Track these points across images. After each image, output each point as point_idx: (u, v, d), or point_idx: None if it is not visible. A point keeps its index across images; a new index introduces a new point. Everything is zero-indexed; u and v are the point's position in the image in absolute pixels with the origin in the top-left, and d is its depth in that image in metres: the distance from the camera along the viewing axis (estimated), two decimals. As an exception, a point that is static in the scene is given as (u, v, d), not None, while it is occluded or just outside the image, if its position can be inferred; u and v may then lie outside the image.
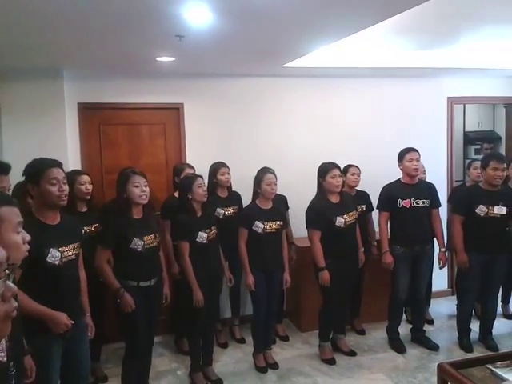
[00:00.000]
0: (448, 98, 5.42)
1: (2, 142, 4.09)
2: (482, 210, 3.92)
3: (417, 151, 4.10)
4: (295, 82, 4.86)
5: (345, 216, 3.84)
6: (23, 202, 2.53)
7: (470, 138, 7.15)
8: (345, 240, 3.84)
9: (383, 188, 4.23)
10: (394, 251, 4.10)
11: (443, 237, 4.28)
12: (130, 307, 3.05)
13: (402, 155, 4.12)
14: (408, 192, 4.08)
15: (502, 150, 6.44)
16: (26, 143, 3.96)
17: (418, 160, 4.07)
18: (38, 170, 2.45)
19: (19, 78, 4.06)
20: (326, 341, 4.09)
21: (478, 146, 6.99)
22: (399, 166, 4.15)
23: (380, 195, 4.25)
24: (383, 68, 4.65)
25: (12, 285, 1.37)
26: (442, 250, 4.18)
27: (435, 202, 4.16)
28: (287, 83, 4.85)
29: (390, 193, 4.14)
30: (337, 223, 3.80)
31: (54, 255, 2.42)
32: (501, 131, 6.74)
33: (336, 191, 3.86)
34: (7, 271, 1.27)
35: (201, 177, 3.63)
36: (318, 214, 3.83)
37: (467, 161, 5.84)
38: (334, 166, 3.86)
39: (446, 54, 4.52)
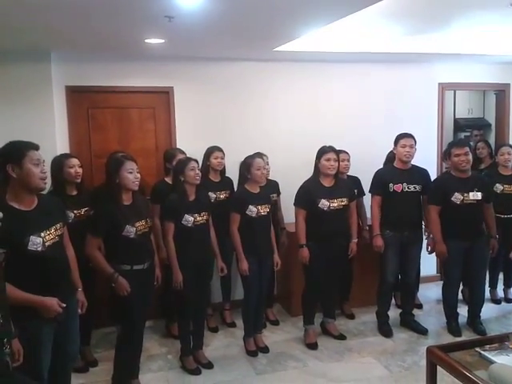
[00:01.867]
0: (439, 83, 5.41)
1: (-13, 126, 4.02)
2: (457, 197, 3.94)
3: (412, 137, 4.09)
4: (286, 67, 4.82)
5: (331, 200, 3.85)
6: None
7: (460, 125, 7.17)
8: (328, 224, 3.85)
9: (376, 172, 4.24)
10: (384, 235, 4.12)
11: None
12: (125, 290, 3.04)
13: (397, 140, 4.13)
14: (400, 177, 4.09)
15: (492, 137, 6.46)
16: (12, 127, 3.88)
17: (411, 147, 4.07)
18: (21, 150, 2.34)
19: (5, 60, 3.98)
20: (310, 324, 4.11)
21: (468, 133, 7.02)
22: (393, 149, 4.16)
23: (372, 179, 4.26)
24: (374, 53, 4.63)
25: None
26: (431, 236, 4.20)
27: (427, 188, 4.17)
28: (278, 68, 4.81)
29: (383, 177, 4.16)
30: (320, 205, 3.83)
31: (35, 242, 2.34)
32: (491, 118, 6.77)
33: (329, 173, 3.87)
34: None
35: (195, 160, 3.61)
36: (305, 193, 3.90)
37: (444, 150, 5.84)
38: (331, 149, 3.89)
39: (437, 39, 4.50)
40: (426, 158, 5.12)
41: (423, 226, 4.31)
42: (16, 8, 2.75)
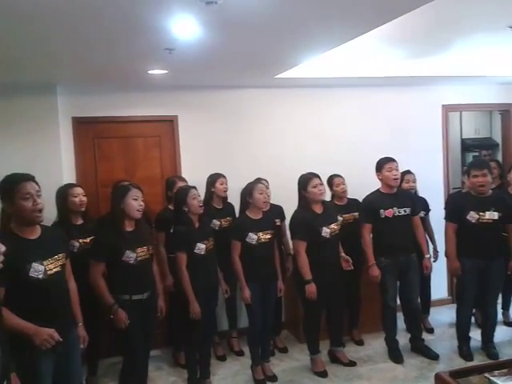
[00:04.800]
0: (442, 105, 5.42)
1: (-4, 157, 4.09)
2: (472, 216, 3.90)
3: (395, 161, 4.06)
4: (288, 93, 4.87)
5: (330, 226, 3.81)
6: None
7: (467, 145, 7.14)
8: (330, 250, 3.81)
9: (364, 200, 4.20)
10: (379, 263, 4.04)
11: (427, 243, 4.29)
12: (123, 323, 3.03)
13: (380, 165, 4.08)
14: (389, 201, 4.05)
15: (500, 157, 6.42)
16: (20, 158, 3.96)
17: (397, 169, 4.05)
18: (11, 186, 2.38)
19: (12, 94, 4.08)
20: (316, 353, 4.03)
21: (476, 153, 6.98)
22: (378, 176, 4.10)
23: (361, 207, 4.23)
24: (376, 77, 4.66)
25: None
26: (427, 256, 4.18)
27: (415, 210, 4.15)
28: (280, 94, 4.86)
29: (372, 204, 4.09)
30: (323, 233, 3.77)
31: (37, 269, 2.37)
32: (498, 138, 6.74)
33: (320, 199, 3.84)
34: None
35: (194, 188, 3.62)
36: (303, 224, 3.80)
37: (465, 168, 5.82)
38: (314, 175, 3.84)
39: (438, 62, 4.53)
40: (433, 179, 5.12)
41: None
42: (21, 43, 2.82)
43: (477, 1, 2.84)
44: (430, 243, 4.61)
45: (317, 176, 3.84)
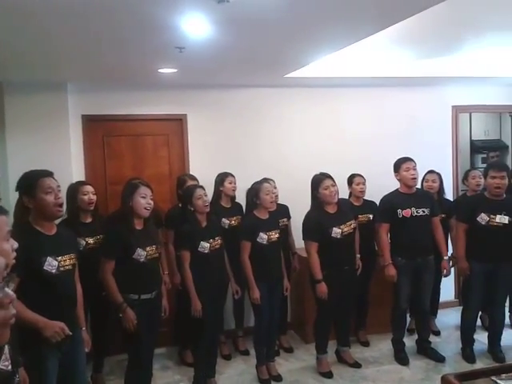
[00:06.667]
0: (452, 106, 5.40)
1: (6, 155, 4.12)
2: (483, 218, 3.89)
3: (413, 160, 4.06)
4: (298, 92, 4.87)
5: (342, 226, 3.79)
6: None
7: (476, 147, 7.10)
8: (342, 251, 3.79)
9: (382, 199, 4.19)
10: (396, 263, 4.04)
11: (446, 245, 4.24)
12: (131, 323, 3.03)
13: (398, 165, 4.09)
14: (408, 201, 4.03)
15: (509, 159, 6.39)
16: (30, 155, 3.98)
17: (414, 169, 4.04)
18: (32, 181, 2.45)
19: (24, 91, 4.10)
20: (323, 353, 4.03)
21: (485, 155, 6.94)
22: (396, 176, 4.10)
23: (379, 207, 4.22)
24: (386, 77, 4.66)
25: (10, 292, 1.38)
26: (445, 258, 4.15)
27: (435, 210, 4.12)
28: (290, 93, 4.86)
29: (390, 203, 4.09)
30: (333, 234, 3.75)
31: (52, 264, 2.42)
32: (508, 140, 6.70)
33: (332, 201, 3.81)
34: (6, 278, 1.27)
35: (201, 187, 3.63)
36: (314, 225, 3.79)
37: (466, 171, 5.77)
38: (326, 176, 3.82)
39: (449, 62, 4.51)
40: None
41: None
42: (32, 42, 2.86)
43: (489, 1, 2.82)
44: (450, 246, 4.53)
45: (329, 177, 3.82)
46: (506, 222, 3.88)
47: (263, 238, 3.70)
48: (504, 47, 4.00)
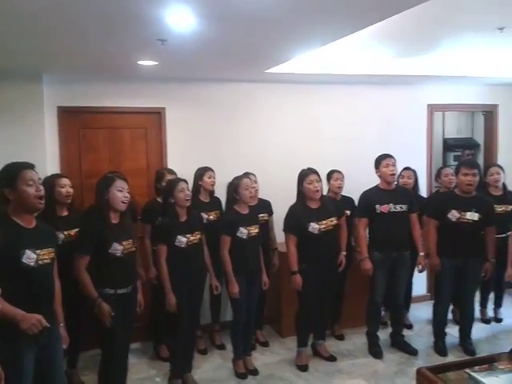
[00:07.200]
0: (428, 105, 5.50)
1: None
2: (453, 214, 3.99)
3: (392, 157, 4.14)
4: (278, 88, 4.88)
5: (320, 222, 3.83)
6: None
7: (449, 145, 7.26)
8: (321, 246, 3.83)
9: (361, 195, 4.26)
10: (372, 257, 4.12)
11: (422, 241, 4.32)
12: (107, 318, 3.00)
13: (378, 161, 4.17)
14: (386, 197, 4.12)
15: (481, 157, 6.54)
16: (3, 147, 3.88)
17: (394, 165, 4.12)
18: (13, 173, 2.41)
19: (-3, 81, 3.99)
20: (303, 346, 4.09)
21: (458, 153, 7.10)
22: (376, 172, 4.18)
23: (358, 202, 4.28)
24: (364, 75, 4.71)
25: None
26: (421, 254, 4.23)
27: (413, 207, 4.20)
28: (270, 89, 4.87)
29: (368, 199, 4.17)
30: (310, 229, 3.81)
31: (30, 256, 2.39)
32: (479, 138, 6.86)
33: (314, 197, 3.86)
34: None
35: (185, 181, 3.61)
36: (293, 218, 3.87)
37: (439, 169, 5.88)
38: (311, 171, 3.88)
39: (426, 61, 4.59)
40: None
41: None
42: (9, 30, 2.78)
43: (467, 2, 2.88)
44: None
45: (315, 172, 3.87)
46: (476, 218, 3.98)
47: (243, 232, 3.72)
48: (478, 48, 4.09)
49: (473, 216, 3.97)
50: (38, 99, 4.17)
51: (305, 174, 3.87)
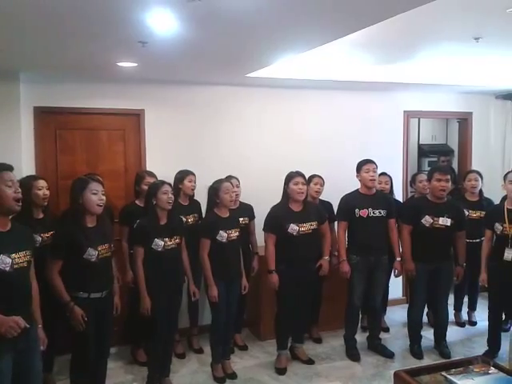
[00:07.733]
0: (404, 111, 5.60)
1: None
2: (427, 220, 4.06)
3: (374, 162, 4.20)
4: (258, 92, 4.90)
5: (301, 224, 3.87)
6: None
7: (424, 151, 7.37)
8: (298, 248, 3.86)
9: (342, 198, 4.31)
10: (350, 260, 4.17)
11: (399, 246, 4.39)
12: (79, 322, 2.95)
13: (359, 166, 4.22)
14: (365, 202, 4.17)
15: (455, 163, 6.67)
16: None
17: (374, 171, 4.18)
18: None
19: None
20: (283, 349, 4.10)
21: (433, 159, 7.20)
22: (357, 176, 4.24)
23: (339, 205, 4.33)
24: (344, 81, 4.76)
25: None
26: (398, 259, 4.28)
27: (391, 213, 4.26)
28: (251, 92, 4.88)
29: (348, 202, 4.22)
30: (289, 230, 3.84)
31: (5, 261, 2.33)
32: (454, 145, 6.99)
33: (298, 198, 3.89)
34: None
35: (169, 184, 3.59)
36: (273, 218, 3.92)
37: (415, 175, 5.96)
38: (299, 174, 3.93)
39: (403, 69, 4.67)
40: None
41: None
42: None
43: (445, 11, 2.93)
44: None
45: (301, 175, 3.92)
46: (449, 224, 4.07)
47: (223, 236, 3.71)
48: (454, 57, 4.18)
49: (445, 221, 4.06)
50: (15, 99, 4.10)
51: (292, 176, 3.92)
